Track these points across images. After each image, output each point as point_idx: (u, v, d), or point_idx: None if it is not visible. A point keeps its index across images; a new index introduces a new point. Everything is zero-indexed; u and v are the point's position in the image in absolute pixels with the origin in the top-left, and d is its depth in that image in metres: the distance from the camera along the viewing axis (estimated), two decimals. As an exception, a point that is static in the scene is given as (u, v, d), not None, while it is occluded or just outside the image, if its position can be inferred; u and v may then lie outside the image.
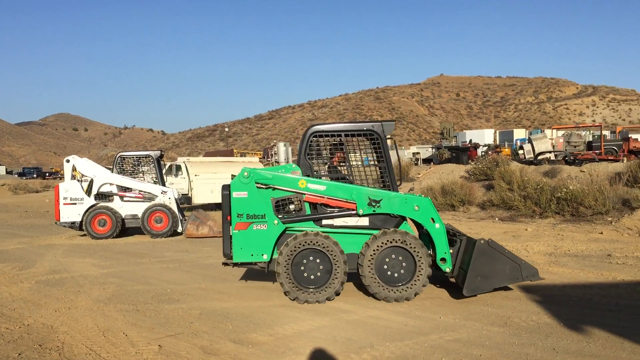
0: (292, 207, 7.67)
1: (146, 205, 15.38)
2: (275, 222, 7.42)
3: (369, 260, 7.23)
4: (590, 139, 31.96)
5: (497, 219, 16.44)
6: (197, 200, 23.49)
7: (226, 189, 7.59)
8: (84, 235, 15.47)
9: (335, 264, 7.25)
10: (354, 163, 7.77)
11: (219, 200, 23.99)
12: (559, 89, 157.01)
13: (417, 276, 7.23)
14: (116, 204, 15.43)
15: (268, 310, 7.02)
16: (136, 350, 5.60)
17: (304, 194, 7.49)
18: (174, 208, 15.41)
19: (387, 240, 7.25)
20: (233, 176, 7.61)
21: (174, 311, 7.09)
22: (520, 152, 29.54)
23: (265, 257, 7.46)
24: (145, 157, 16.52)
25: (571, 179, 18.32)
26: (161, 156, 16.87)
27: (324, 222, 7.63)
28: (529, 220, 15.51)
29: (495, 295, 7.43)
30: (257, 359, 5.29)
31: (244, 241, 7.44)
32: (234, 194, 7.47)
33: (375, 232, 7.45)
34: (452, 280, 7.95)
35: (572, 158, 25.55)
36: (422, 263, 7.21)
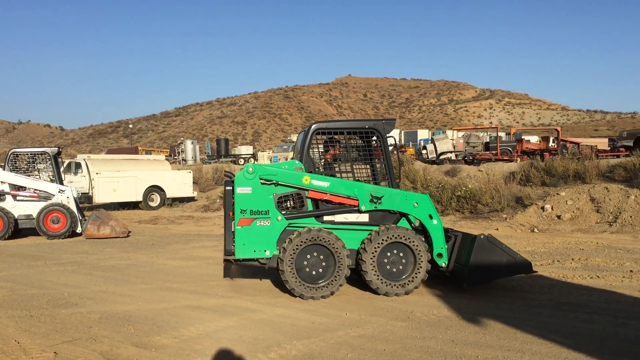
0: (293, 203, 7.60)
1: (42, 204, 14.56)
2: (279, 218, 7.34)
3: (372, 256, 7.26)
4: (488, 140, 33.73)
5: (401, 216, 16.92)
6: (98, 199, 22.59)
7: (229, 184, 7.46)
8: (-28, 237, 14.39)
9: (340, 262, 7.24)
10: (355, 160, 7.88)
11: (122, 199, 23.31)
12: (460, 92, 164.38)
13: (417, 271, 7.34)
14: (8, 204, 14.51)
15: (173, 312, 6.84)
16: (29, 358, 5.27)
17: (308, 190, 7.45)
18: (73, 208, 14.70)
19: (390, 236, 7.30)
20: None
21: (72, 316, 6.74)
22: (424, 152, 30.71)
23: (268, 254, 7.35)
24: (41, 154, 15.63)
25: (470, 178, 19.25)
26: (59, 153, 15.99)
27: (325, 218, 7.62)
28: (432, 218, 16.09)
29: (399, 291, 7.66)
30: (161, 363, 5.14)
31: (247, 237, 7.31)
32: (238, 190, 7.31)
33: (374, 228, 7.50)
34: (447, 274, 8.02)
35: (471, 158, 26.84)
36: (421, 259, 7.33)
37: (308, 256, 7.32)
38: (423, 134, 47.55)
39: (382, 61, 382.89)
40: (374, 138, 7.87)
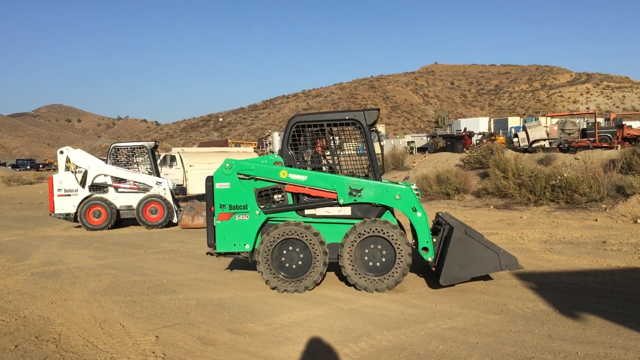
0: (275, 197, 7.66)
1: (141, 196, 15.32)
2: (257, 212, 7.45)
3: (348, 250, 7.23)
4: (585, 127, 32.02)
5: (492, 207, 16.48)
6: (192, 190, 23.45)
7: (209, 180, 7.63)
8: (79, 226, 15.42)
9: (315, 254, 7.26)
10: (337, 152, 7.81)
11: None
12: (553, 77, 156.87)
13: (397, 266, 7.20)
14: (111, 195, 15.36)
15: (265, 300, 7.02)
16: (133, 341, 5.60)
17: (286, 184, 7.50)
18: (169, 199, 15.37)
19: (366, 230, 7.23)
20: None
21: (171, 302, 7.09)
22: (515, 140, 29.58)
23: (248, 247, 7.50)
24: (140, 148, 16.46)
25: (565, 167, 18.37)
26: (155, 147, 16.79)
27: (307, 211, 7.63)
28: (524, 208, 15.56)
29: (491, 283, 7.46)
30: (255, 349, 5.30)
31: (226, 231, 7.49)
32: (217, 185, 7.50)
33: (357, 221, 7.42)
34: (434, 269, 7.85)
35: (566, 145, 25.60)
36: (401, 252, 7.18)
37: (285, 250, 7.34)
38: (514, 122, 45.87)
39: (470, 48, 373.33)
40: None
